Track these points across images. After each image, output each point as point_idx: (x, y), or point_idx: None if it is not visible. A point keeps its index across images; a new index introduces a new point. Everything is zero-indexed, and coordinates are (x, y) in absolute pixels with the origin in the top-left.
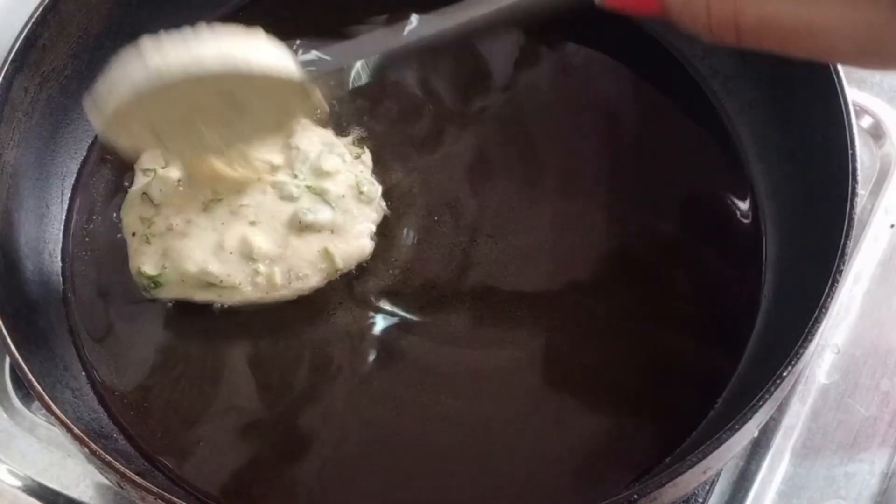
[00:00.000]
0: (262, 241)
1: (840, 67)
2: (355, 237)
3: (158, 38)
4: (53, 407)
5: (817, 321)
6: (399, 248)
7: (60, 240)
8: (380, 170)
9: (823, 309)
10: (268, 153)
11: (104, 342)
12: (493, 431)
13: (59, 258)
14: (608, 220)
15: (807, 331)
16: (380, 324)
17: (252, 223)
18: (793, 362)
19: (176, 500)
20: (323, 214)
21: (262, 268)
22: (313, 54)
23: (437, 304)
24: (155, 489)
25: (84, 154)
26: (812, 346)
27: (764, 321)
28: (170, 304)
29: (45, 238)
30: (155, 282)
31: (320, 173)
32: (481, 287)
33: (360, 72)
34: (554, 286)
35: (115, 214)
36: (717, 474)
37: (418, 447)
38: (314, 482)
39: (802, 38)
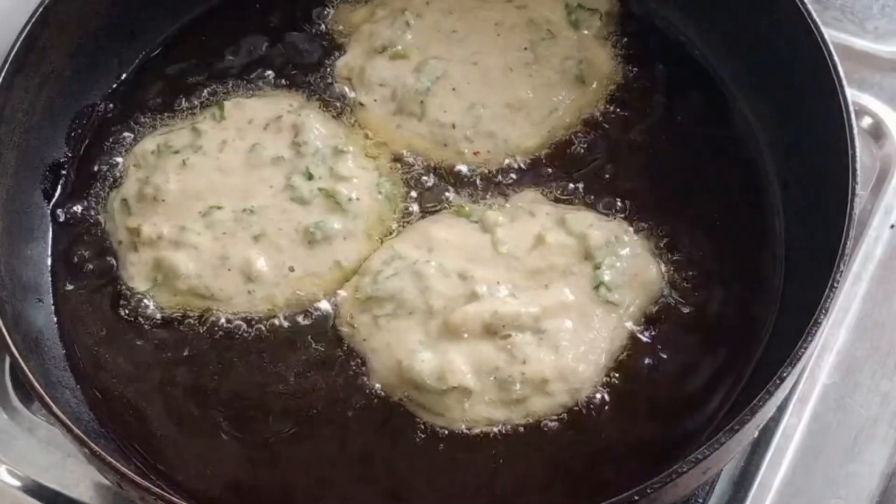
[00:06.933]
0: (264, 264)
1: (840, 68)
2: (366, 241)
3: None
4: (53, 407)
5: (817, 322)
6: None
7: (61, 240)
8: (402, 167)
9: (823, 309)
10: (273, 149)
11: (104, 344)
12: (495, 430)
13: (59, 259)
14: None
15: (807, 331)
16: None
17: (256, 237)
18: (793, 363)
19: (176, 500)
20: (335, 226)
21: (259, 290)
22: None
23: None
24: (155, 489)
25: (84, 155)
26: (812, 347)
27: (765, 321)
28: (169, 309)
29: (46, 239)
30: (147, 294)
31: (338, 178)
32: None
33: None
34: None
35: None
36: (718, 474)
37: (418, 446)
38: (312, 483)
39: None
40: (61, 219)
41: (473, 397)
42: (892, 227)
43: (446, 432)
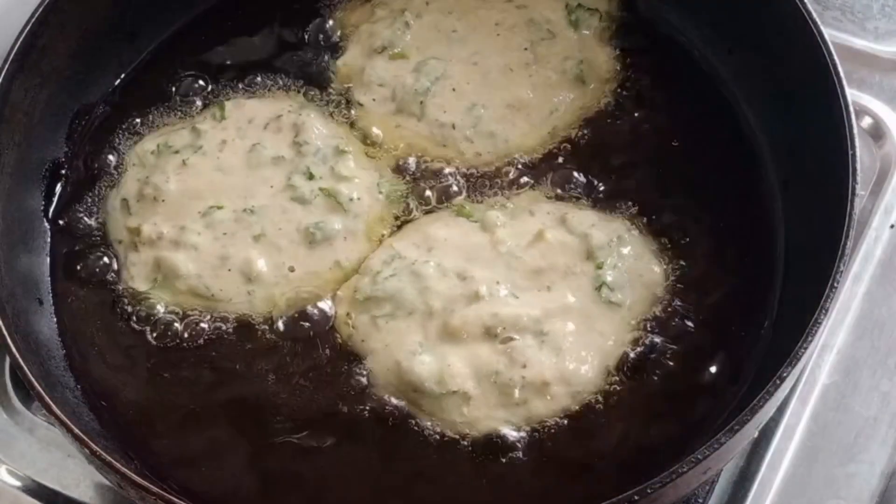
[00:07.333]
0: (264, 264)
1: (840, 68)
2: (367, 241)
3: None
4: (53, 407)
5: (817, 321)
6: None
7: (60, 240)
8: (402, 167)
9: (823, 309)
10: (274, 149)
11: (104, 344)
12: (494, 433)
13: (59, 259)
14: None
15: (807, 331)
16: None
17: (256, 237)
18: (793, 362)
19: (175, 499)
20: (335, 226)
21: (258, 290)
22: None
23: None
24: (155, 489)
25: (84, 154)
26: (812, 347)
27: (765, 321)
28: (168, 309)
29: (46, 239)
30: (146, 294)
31: (339, 178)
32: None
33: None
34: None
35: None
36: (717, 474)
37: (418, 448)
38: (311, 484)
39: None
40: (61, 219)
41: (473, 401)
42: (892, 227)
43: (445, 434)
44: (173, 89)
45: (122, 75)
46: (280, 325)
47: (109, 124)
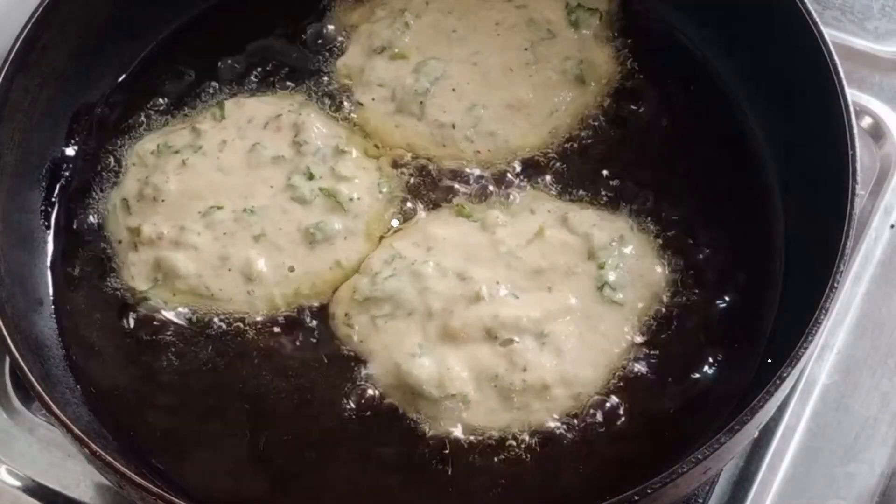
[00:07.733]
0: (265, 264)
1: (840, 68)
2: (367, 241)
3: None
4: (53, 407)
5: (817, 322)
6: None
7: (61, 240)
8: (403, 167)
9: (823, 309)
10: (274, 148)
11: (103, 344)
12: (494, 434)
13: (59, 259)
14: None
15: (807, 331)
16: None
17: (257, 237)
18: (793, 363)
19: (175, 500)
20: (335, 226)
21: (258, 290)
22: None
23: None
24: (155, 489)
25: (84, 154)
26: (812, 347)
27: (765, 321)
28: (168, 309)
29: (46, 239)
30: (146, 294)
31: (339, 178)
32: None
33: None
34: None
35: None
36: (717, 474)
37: (416, 449)
38: (310, 485)
39: None
40: (61, 219)
41: (473, 404)
42: (892, 227)
43: (444, 436)
44: (173, 89)
45: (123, 75)
46: (280, 325)
47: (109, 124)
